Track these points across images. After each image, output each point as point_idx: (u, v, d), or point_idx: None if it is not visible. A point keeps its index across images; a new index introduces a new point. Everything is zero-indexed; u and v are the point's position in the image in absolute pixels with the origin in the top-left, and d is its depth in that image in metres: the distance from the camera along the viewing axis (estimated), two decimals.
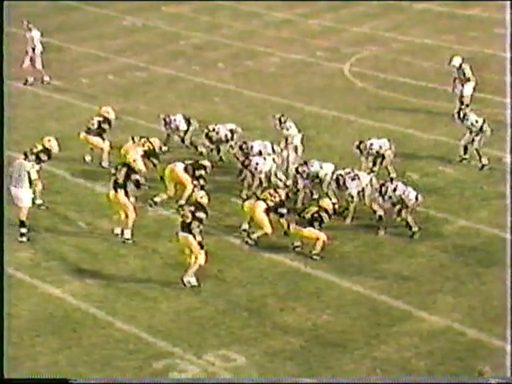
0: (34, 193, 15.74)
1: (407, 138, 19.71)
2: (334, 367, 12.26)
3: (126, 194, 15.32)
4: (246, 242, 15.42)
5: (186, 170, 16.65)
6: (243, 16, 29.67)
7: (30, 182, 15.54)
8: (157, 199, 16.70)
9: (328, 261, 14.91)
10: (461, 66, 20.55)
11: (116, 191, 15.33)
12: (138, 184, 15.39)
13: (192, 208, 14.17)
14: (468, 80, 20.46)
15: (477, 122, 18.10)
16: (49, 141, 16.63)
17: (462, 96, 20.48)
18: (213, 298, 13.94)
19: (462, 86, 20.50)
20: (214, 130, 18.42)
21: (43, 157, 16.33)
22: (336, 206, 15.43)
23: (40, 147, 16.47)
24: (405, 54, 25.71)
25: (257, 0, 30.53)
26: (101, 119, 18.45)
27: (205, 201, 14.45)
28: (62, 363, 12.38)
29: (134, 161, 15.60)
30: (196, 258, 14.06)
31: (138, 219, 15.56)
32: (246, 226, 15.57)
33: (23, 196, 15.51)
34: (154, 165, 17.63)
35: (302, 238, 15.13)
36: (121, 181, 15.29)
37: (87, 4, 30.59)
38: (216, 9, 30.36)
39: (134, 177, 15.31)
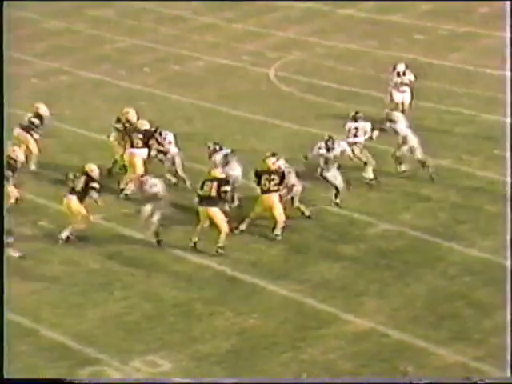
0: None
1: None
2: (261, 371, 12.32)
3: (81, 201, 15.34)
4: (217, 252, 15.22)
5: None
6: (168, 20, 29.60)
7: None
8: (127, 191, 17.05)
9: (255, 265, 14.99)
10: (404, 72, 20.73)
11: (70, 198, 15.33)
12: (98, 190, 15.49)
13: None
14: (408, 86, 20.63)
15: (402, 130, 18.11)
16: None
17: (403, 103, 20.62)
18: (140, 303, 13.88)
19: (402, 93, 20.65)
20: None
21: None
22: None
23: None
24: (328, 59, 25.99)
25: (182, 0, 30.52)
26: (31, 115, 18.24)
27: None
28: None
29: (92, 170, 15.58)
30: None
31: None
32: (196, 238, 15.34)
33: None
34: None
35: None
36: (78, 188, 15.33)
37: (7, 5, 30.07)
38: (141, 13, 30.23)
39: (93, 185, 15.42)
